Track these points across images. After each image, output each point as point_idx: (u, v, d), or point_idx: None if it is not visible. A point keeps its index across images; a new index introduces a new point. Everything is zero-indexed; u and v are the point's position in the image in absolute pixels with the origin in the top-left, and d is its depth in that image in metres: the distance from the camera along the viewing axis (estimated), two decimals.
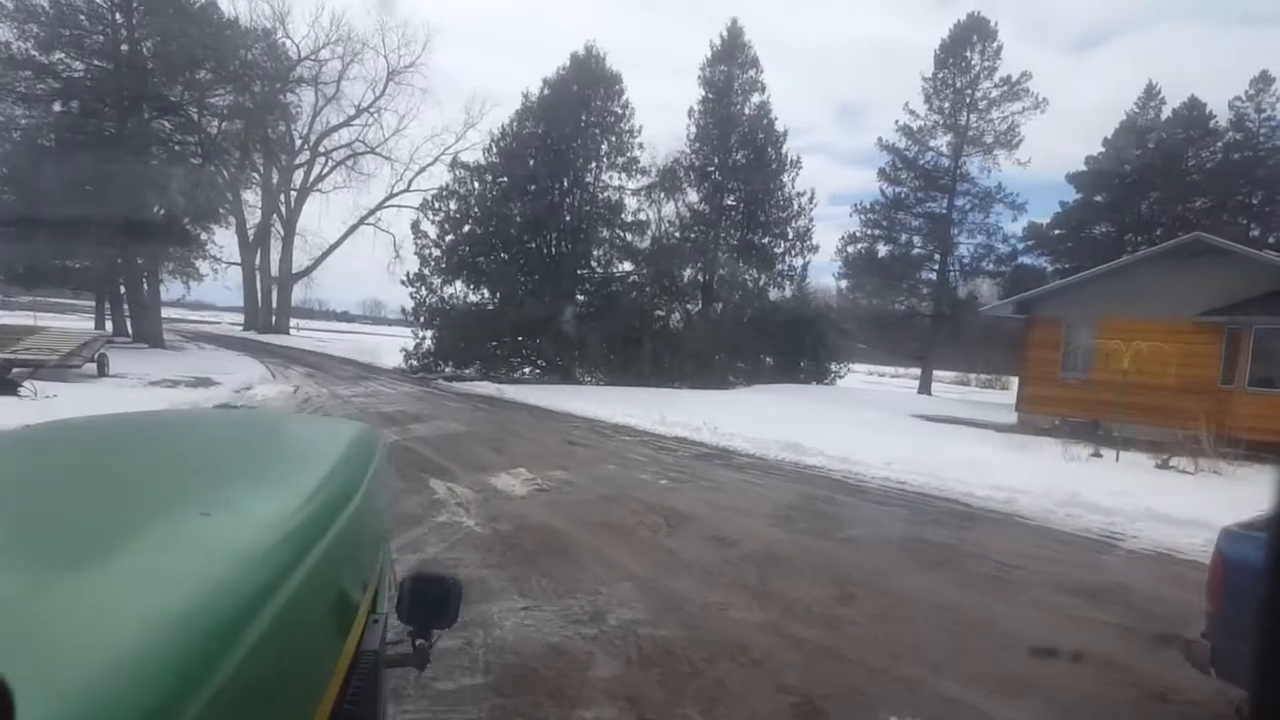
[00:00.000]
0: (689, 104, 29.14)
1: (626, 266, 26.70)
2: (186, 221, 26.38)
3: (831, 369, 30.68)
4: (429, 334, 24.53)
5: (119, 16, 23.89)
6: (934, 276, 34.22)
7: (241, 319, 52.28)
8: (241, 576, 0.81)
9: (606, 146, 26.02)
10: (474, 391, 19.34)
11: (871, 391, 29.41)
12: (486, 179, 25.11)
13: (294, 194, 48.29)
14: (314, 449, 1.65)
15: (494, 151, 25.67)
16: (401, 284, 25.29)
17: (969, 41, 32.77)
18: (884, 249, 34.93)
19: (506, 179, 24.83)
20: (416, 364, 24.26)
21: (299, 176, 47.93)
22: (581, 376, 24.30)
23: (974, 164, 33.54)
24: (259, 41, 30.64)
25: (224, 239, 34.69)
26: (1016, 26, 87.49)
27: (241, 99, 27.10)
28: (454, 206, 24.95)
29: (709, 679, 3.63)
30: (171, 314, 48.23)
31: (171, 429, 2.00)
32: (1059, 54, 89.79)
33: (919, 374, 35.60)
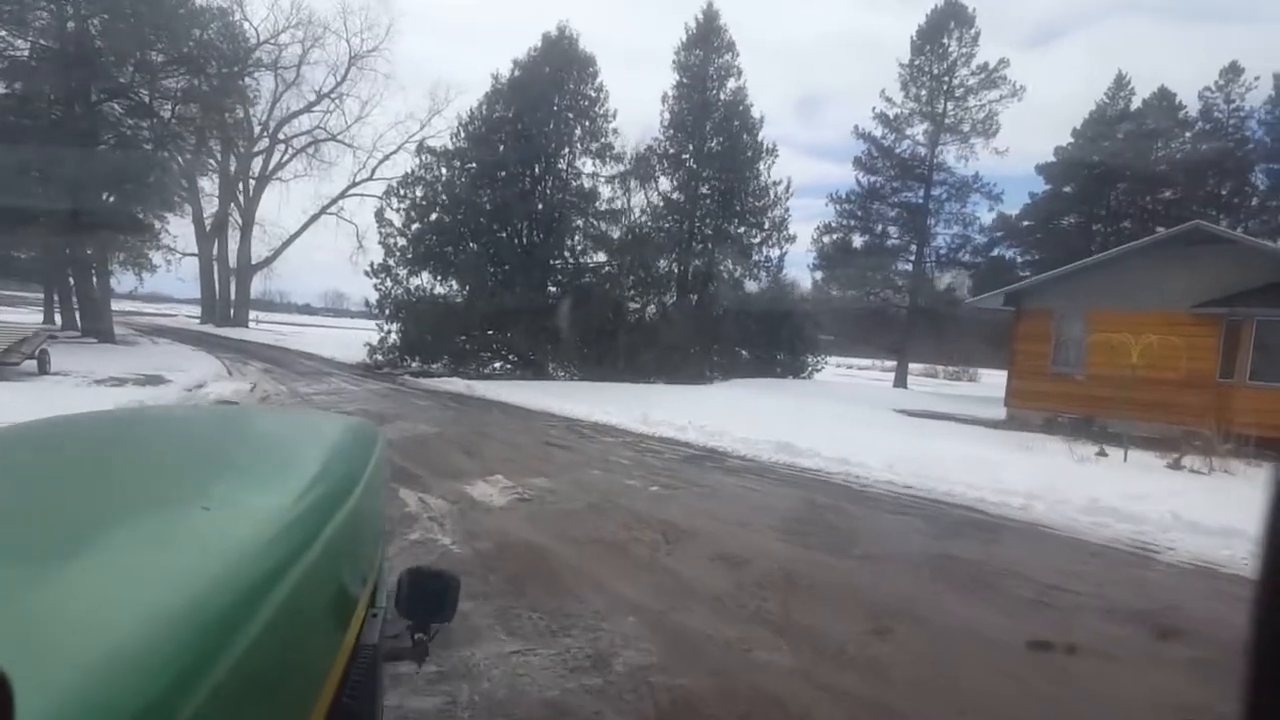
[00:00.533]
0: (660, 93, 28.45)
1: (600, 257, 25.83)
2: (139, 210, 25.18)
3: (808, 362, 30.18)
4: (394, 327, 23.45)
5: None
6: (910, 268, 33.87)
7: (199, 312, 50.73)
8: (241, 571, 0.80)
9: (580, 131, 25.06)
10: (442, 388, 18.46)
11: (846, 385, 29.02)
12: (455, 165, 24.10)
13: (253, 182, 47.07)
14: (313, 443, 1.62)
15: (462, 136, 24.69)
16: (365, 275, 24.22)
17: (946, 28, 32.34)
18: (859, 239, 34.60)
19: (475, 165, 23.84)
20: (381, 359, 23.24)
21: (258, 164, 46.72)
22: (554, 372, 23.50)
23: (951, 153, 33.26)
24: (214, 21, 29.13)
25: (179, 228, 33.10)
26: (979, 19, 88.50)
27: (197, 82, 25.75)
28: (420, 194, 23.84)
29: None
30: (126, 307, 46.57)
31: (171, 423, 2.04)
32: (1018, 49, 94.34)
33: (893, 367, 35.06)
